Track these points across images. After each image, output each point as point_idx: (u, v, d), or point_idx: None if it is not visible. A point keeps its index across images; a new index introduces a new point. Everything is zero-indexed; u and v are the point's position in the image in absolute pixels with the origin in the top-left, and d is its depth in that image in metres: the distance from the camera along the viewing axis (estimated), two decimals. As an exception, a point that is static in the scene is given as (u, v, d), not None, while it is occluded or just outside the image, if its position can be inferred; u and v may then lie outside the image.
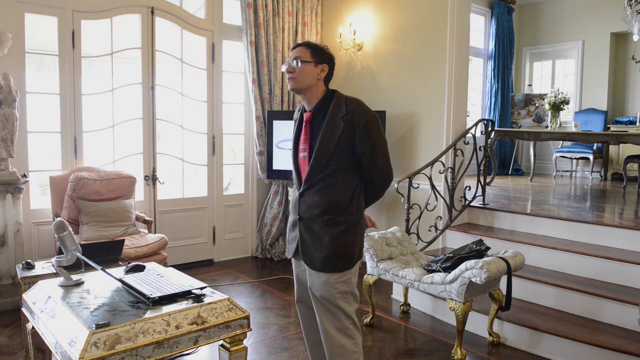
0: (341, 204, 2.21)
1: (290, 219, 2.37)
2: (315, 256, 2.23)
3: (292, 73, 2.20)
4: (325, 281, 2.22)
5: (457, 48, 4.55)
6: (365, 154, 2.19)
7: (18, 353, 3.12)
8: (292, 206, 2.37)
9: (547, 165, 8.32)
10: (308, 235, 2.25)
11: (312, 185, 2.22)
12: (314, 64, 2.20)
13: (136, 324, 1.84)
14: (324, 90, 2.26)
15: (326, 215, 2.20)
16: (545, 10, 8.29)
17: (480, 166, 4.70)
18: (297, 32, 5.53)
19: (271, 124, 5.22)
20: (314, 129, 2.25)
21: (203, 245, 5.35)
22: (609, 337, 3.05)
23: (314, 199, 2.22)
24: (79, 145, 4.46)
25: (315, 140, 2.22)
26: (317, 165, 2.20)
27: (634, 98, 7.77)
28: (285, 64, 2.24)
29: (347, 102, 2.20)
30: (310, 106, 2.27)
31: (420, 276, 3.35)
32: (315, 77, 2.21)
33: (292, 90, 2.25)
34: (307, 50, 2.22)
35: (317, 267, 2.23)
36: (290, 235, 2.37)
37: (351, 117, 2.16)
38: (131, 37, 4.74)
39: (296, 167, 2.34)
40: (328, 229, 2.21)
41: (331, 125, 2.18)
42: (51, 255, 3.98)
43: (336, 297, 2.22)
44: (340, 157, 2.18)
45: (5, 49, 3.84)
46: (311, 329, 2.47)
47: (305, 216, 2.25)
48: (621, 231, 3.83)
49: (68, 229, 2.29)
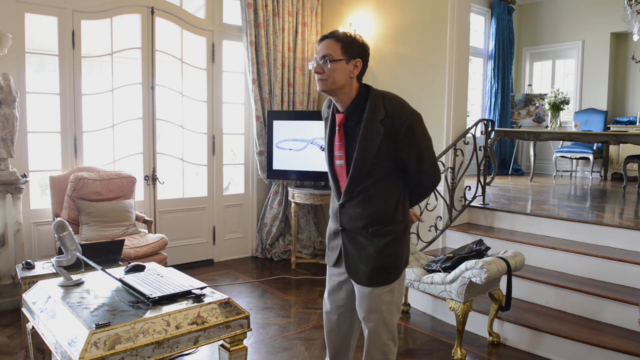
0: (386, 214, 2.04)
1: (332, 227, 2.19)
2: (361, 269, 2.07)
3: (321, 74, 1.95)
4: (370, 293, 2.08)
5: (457, 48, 4.55)
6: (410, 160, 1.99)
7: (18, 353, 3.12)
8: (332, 215, 2.18)
9: (547, 165, 8.32)
10: (352, 247, 2.09)
11: (353, 196, 2.04)
12: (345, 60, 1.94)
13: (136, 324, 1.84)
14: (357, 87, 2.01)
15: (371, 228, 2.03)
16: (545, 10, 8.29)
17: (480, 166, 4.70)
18: (297, 32, 5.53)
19: (271, 124, 5.22)
20: (349, 133, 2.02)
21: (203, 245, 5.35)
22: (609, 337, 3.05)
23: (356, 211, 2.05)
24: (79, 145, 4.46)
25: (352, 147, 2.00)
26: (357, 176, 2.00)
27: (634, 98, 7.77)
28: (312, 61, 1.99)
29: (386, 102, 1.96)
30: (343, 106, 2.02)
31: (420, 276, 3.35)
32: (347, 76, 1.96)
33: (323, 92, 1.99)
34: (337, 45, 1.94)
35: (362, 281, 2.07)
36: (332, 243, 2.20)
37: (391, 120, 1.93)
38: (131, 37, 4.74)
39: (333, 176, 2.12)
40: (373, 240, 2.04)
41: (369, 130, 1.95)
42: (51, 255, 3.98)
43: (382, 310, 2.09)
44: (382, 165, 1.98)
45: (5, 49, 3.84)
46: (335, 337, 2.31)
47: (349, 228, 2.08)
48: (621, 231, 3.83)
49: (68, 229, 2.29)
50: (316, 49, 2.02)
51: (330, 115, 2.11)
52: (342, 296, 2.24)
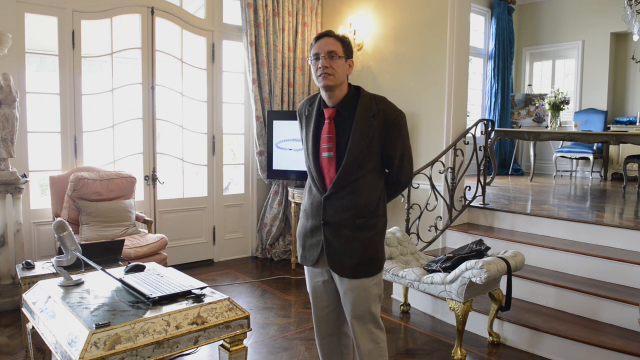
0: (370, 207, 2.12)
1: (308, 225, 2.20)
2: (345, 262, 2.11)
3: (328, 68, 2.04)
4: (359, 286, 2.13)
5: (457, 48, 4.55)
6: (396, 155, 2.11)
7: (18, 353, 3.12)
8: (311, 211, 2.19)
9: (547, 165, 8.32)
10: (336, 240, 2.12)
11: (342, 187, 2.09)
12: (344, 59, 2.09)
13: (136, 324, 1.84)
14: (347, 85, 2.15)
15: (357, 219, 2.09)
16: (545, 10, 8.29)
17: (480, 166, 4.70)
18: (297, 32, 5.53)
19: (271, 124, 5.22)
20: (339, 127, 2.10)
21: (203, 245, 5.35)
22: (609, 337, 3.05)
23: (342, 203, 2.09)
24: (79, 145, 4.46)
25: (342, 139, 2.08)
26: (350, 167, 2.06)
27: (634, 98, 7.77)
28: (313, 57, 2.08)
29: (377, 100, 2.11)
30: (334, 102, 2.12)
31: (420, 276, 3.35)
32: (345, 73, 2.10)
33: (327, 87, 2.07)
34: (338, 43, 2.08)
35: (348, 274, 2.12)
36: (309, 242, 2.20)
37: (383, 116, 2.07)
38: (131, 37, 4.74)
39: (317, 169, 2.15)
40: (359, 233, 2.10)
41: (362, 123, 2.06)
42: (51, 255, 3.98)
43: (369, 301, 2.16)
44: (372, 158, 2.09)
45: (5, 49, 3.84)
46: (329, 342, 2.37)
47: (333, 220, 2.11)
48: (621, 231, 3.83)
49: (68, 229, 2.29)
50: (313, 46, 2.10)
51: (315, 111, 2.18)
52: (327, 296, 2.28)
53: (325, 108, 2.15)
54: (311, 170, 2.18)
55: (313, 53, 2.09)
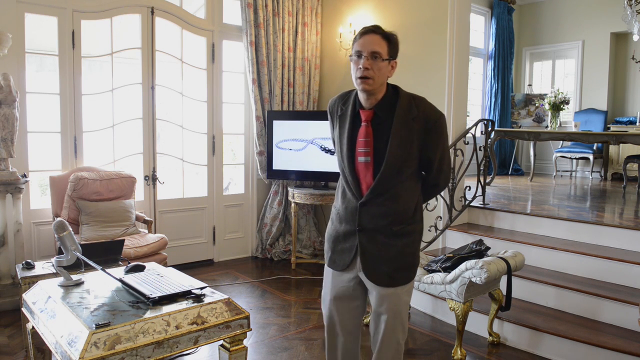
0: (408, 213, 2.04)
1: (342, 229, 2.10)
2: (382, 270, 2.03)
3: (369, 71, 1.88)
4: (394, 294, 2.06)
5: (457, 48, 4.55)
6: (436, 159, 2.01)
7: (18, 353, 3.12)
8: (345, 215, 2.08)
9: (547, 165, 8.32)
10: (372, 247, 2.03)
11: (379, 194, 1.99)
12: (388, 61, 1.93)
13: (136, 324, 1.84)
14: (386, 85, 2.00)
15: (395, 226, 2.01)
16: (545, 10, 8.29)
17: (480, 166, 4.70)
18: (297, 32, 5.53)
19: (271, 124, 5.22)
20: (376, 130, 1.98)
21: (203, 245, 5.35)
22: (609, 337, 3.05)
23: (380, 210, 2.00)
24: (79, 145, 4.46)
25: (380, 143, 1.96)
26: (388, 173, 1.95)
27: (634, 98, 7.77)
28: (355, 54, 1.92)
29: (416, 102, 1.98)
30: (371, 104, 1.98)
31: (420, 276, 3.35)
32: (386, 76, 1.95)
33: (365, 91, 1.93)
34: (384, 43, 1.91)
35: (383, 282, 2.04)
36: (341, 246, 2.11)
37: (424, 119, 1.95)
38: (131, 37, 4.74)
39: (353, 173, 2.02)
40: (396, 240, 2.02)
41: (403, 127, 1.94)
42: (51, 255, 3.98)
43: (401, 309, 2.09)
44: (411, 163, 1.99)
45: (5, 49, 3.84)
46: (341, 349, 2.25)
47: (369, 227, 2.02)
48: (621, 231, 3.83)
49: (68, 229, 2.29)
50: (357, 41, 1.94)
51: (349, 111, 2.04)
52: (354, 303, 2.18)
53: (361, 109, 2.01)
54: (346, 175, 2.06)
55: (355, 50, 1.93)
